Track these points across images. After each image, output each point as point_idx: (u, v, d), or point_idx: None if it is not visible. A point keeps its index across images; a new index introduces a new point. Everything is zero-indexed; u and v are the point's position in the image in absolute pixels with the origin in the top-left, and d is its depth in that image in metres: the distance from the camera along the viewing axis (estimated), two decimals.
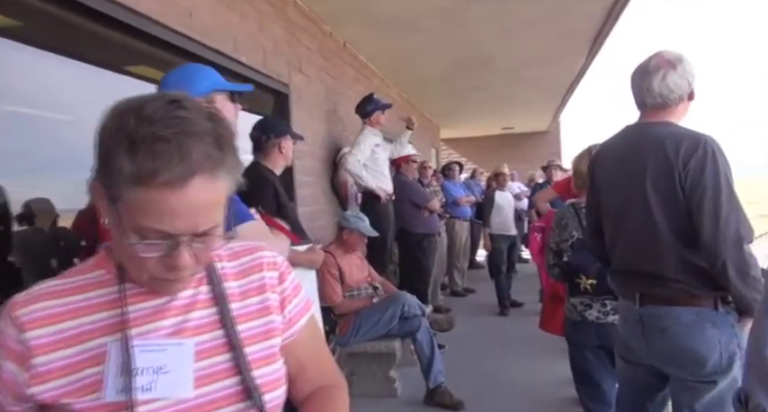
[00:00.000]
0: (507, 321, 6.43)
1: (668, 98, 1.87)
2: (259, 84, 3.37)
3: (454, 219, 7.60)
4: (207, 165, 0.73)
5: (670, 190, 1.76)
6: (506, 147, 13.13)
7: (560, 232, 2.64)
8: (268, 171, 2.80)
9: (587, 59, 6.31)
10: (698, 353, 1.76)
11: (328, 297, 3.76)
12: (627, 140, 1.96)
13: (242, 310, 0.88)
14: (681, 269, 1.78)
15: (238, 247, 0.95)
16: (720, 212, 1.67)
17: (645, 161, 1.82)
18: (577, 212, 2.59)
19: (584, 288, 2.43)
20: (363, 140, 4.48)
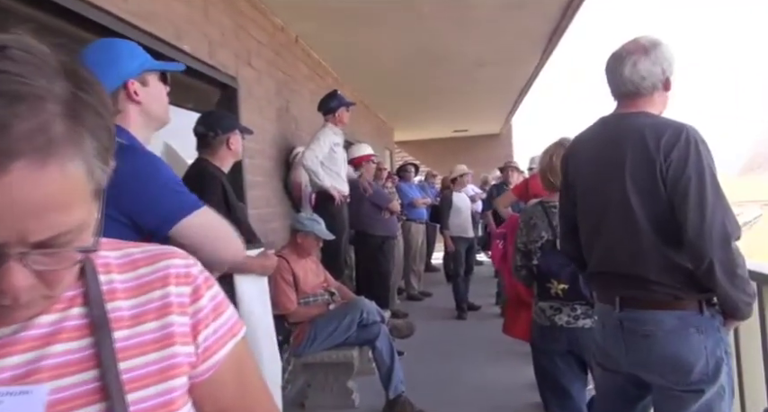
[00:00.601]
0: (466, 325, 6.33)
1: (640, 86, 1.76)
2: (204, 75, 3.12)
3: (410, 221, 7.48)
4: (40, 145, 0.49)
5: (651, 183, 1.64)
6: (459, 150, 13.13)
7: (528, 232, 2.51)
8: (215, 168, 2.56)
9: (541, 60, 6.31)
10: (683, 360, 1.64)
11: (282, 304, 3.53)
12: (603, 132, 1.83)
13: (130, 340, 0.63)
14: (664, 270, 1.66)
15: (139, 253, 0.69)
16: (706, 205, 1.55)
17: (623, 154, 1.70)
18: (547, 212, 2.47)
19: (555, 293, 2.31)
20: (323, 137, 4.28)
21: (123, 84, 1.54)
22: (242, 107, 3.54)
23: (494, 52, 5.86)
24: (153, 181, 1.46)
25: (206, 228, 1.50)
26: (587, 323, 2.31)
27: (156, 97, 1.60)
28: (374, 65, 6.14)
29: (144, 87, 1.57)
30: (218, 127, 2.58)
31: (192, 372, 0.67)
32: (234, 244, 1.58)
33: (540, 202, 2.55)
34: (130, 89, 1.54)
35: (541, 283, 2.38)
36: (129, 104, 1.55)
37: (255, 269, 2.52)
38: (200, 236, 1.48)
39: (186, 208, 1.48)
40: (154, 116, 1.61)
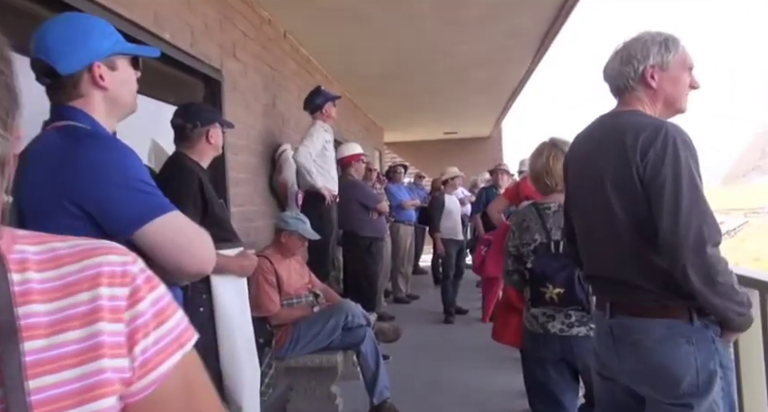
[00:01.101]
0: (453, 329, 6.24)
1: (620, 83, 1.69)
2: (186, 66, 2.99)
3: (399, 223, 7.37)
4: None
5: (629, 186, 1.55)
6: (449, 152, 13.05)
7: (521, 235, 2.40)
8: (193, 162, 2.43)
9: (533, 62, 6.23)
10: (670, 371, 1.54)
11: (264, 306, 3.40)
12: (594, 132, 1.75)
13: (46, 353, 0.52)
14: (647, 275, 1.57)
15: (65, 248, 0.58)
16: (680, 208, 1.45)
17: (607, 155, 1.62)
18: (540, 214, 2.37)
19: (549, 298, 2.20)
20: (316, 134, 4.15)
21: (89, 65, 1.38)
22: (226, 101, 3.41)
23: (485, 52, 5.78)
24: (119, 175, 1.32)
25: (174, 234, 1.36)
26: (582, 331, 2.22)
27: (123, 83, 1.45)
28: (364, 63, 6.03)
29: (111, 72, 1.41)
30: (197, 119, 2.45)
31: (126, 391, 0.56)
32: (203, 253, 1.43)
33: (533, 204, 2.45)
34: (96, 72, 1.38)
35: (535, 288, 2.28)
36: (92, 89, 1.39)
37: (234, 269, 2.40)
38: (166, 242, 1.34)
39: (154, 210, 1.34)
40: (120, 104, 1.46)
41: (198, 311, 2.32)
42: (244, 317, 2.45)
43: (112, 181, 1.29)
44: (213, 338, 2.35)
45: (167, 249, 1.34)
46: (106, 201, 1.29)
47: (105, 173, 1.29)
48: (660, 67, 1.65)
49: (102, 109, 1.42)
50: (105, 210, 1.29)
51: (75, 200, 1.26)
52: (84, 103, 1.39)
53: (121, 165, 1.33)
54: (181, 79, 3.12)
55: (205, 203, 2.33)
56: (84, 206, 1.28)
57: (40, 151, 1.31)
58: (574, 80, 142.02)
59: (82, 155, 1.29)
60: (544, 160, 2.38)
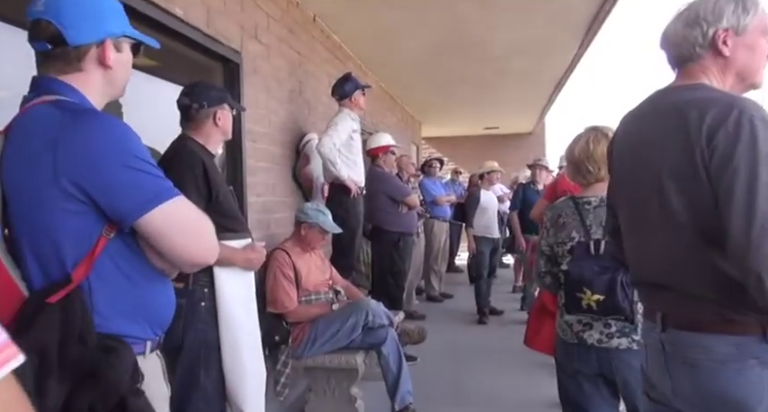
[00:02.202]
0: (486, 331, 5.95)
1: (684, 50, 1.40)
2: (201, 46, 2.82)
3: (433, 219, 7.12)
4: None
5: (691, 175, 1.26)
6: (489, 148, 12.69)
7: (556, 232, 2.13)
8: (198, 146, 2.26)
9: (580, 49, 5.86)
10: (737, 400, 1.25)
11: (280, 302, 3.22)
12: (646, 112, 1.46)
13: None
14: (709, 282, 1.28)
15: None
16: (756, 205, 1.16)
17: (664, 138, 1.33)
18: (579, 209, 2.09)
19: (586, 305, 1.93)
20: (342, 123, 3.94)
21: (101, 41, 1.29)
22: (246, 85, 3.23)
23: (527, 39, 5.45)
24: (126, 155, 1.20)
25: (178, 221, 1.26)
26: (622, 342, 1.94)
27: (125, 67, 1.37)
28: (398, 51, 5.78)
29: (117, 53, 1.33)
30: (204, 99, 2.28)
31: None
32: (206, 243, 1.33)
33: (570, 198, 2.17)
34: (106, 51, 1.30)
35: (570, 293, 2.01)
36: (95, 66, 1.30)
37: (239, 262, 2.22)
38: (170, 229, 1.24)
39: (160, 194, 1.23)
40: (116, 86, 1.37)
41: (199, 306, 2.16)
42: (249, 314, 2.27)
43: (119, 159, 1.19)
44: (215, 336, 2.18)
45: (170, 237, 1.25)
46: (113, 182, 1.18)
47: (111, 151, 1.19)
48: (735, 30, 1.36)
49: (98, 87, 1.32)
50: (111, 192, 1.19)
51: (75, 179, 1.15)
52: (83, 79, 1.29)
53: (127, 143, 1.22)
54: (197, 60, 2.96)
55: (209, 190, 2.16)
56: (87, 187, 1.17)
57: (31, 126, 1.20)
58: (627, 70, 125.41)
59: (84, 129, 1.18)
60: (583, 144, 2.10)
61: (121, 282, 1.26)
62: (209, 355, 2.15)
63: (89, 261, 1.20)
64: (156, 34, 2.55)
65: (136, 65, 1.43)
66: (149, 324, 1.33)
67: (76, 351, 1.14)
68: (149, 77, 2.69)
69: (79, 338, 1.16)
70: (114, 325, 1.24)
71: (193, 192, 2.09)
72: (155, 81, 2.74)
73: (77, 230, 1.20)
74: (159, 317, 1.37)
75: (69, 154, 1.16)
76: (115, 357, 1.16)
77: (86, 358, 1.14)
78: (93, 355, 1.15)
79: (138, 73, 2.71)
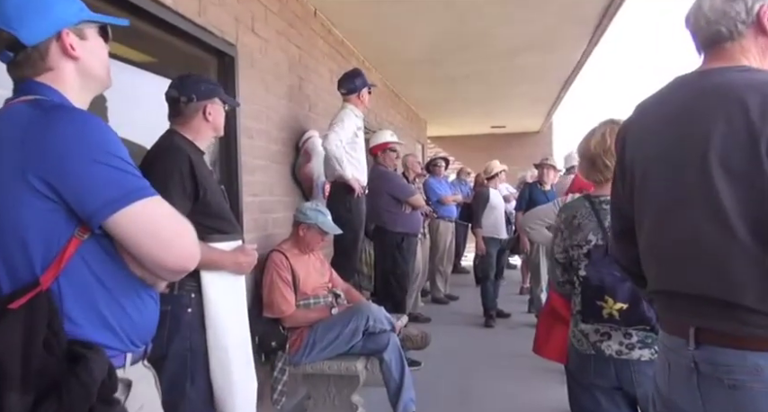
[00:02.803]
0: (493, 334, 5.80)
1: (722, 25, 1.24)
2: (192, 38, 2.69)
3: (439, 219, 6.97)
4: None
5: (750, 166, 1.10)
6: (495, 147, 12.52)
7: (571, 235, 1.98)
8: (186, 142, 2.12)
9: (589, 45, 5.69)
10: None
11: (277, 306, 3.08)
12: (677, 96, 1.30)
13: None
14: (760, 293, 1.13)
15: None
16: None
17: (707, 124, 1.17)
18: (595, 208, 1.94)
19: (608, 314, 1.77)
20: (347, 119, 3.80)
21: (57, 34, 1.21)
22: (242, 79, 3.10)
23: (535, 34, 5.28)
24: (95, 149, 1.12)
25: (153, 222, 1.17)
26: (644, 354, 1.79)
27: (96, 54, 1.28)
28: (402, 47, 5.63)
29: (82, 41, 1.24)
30: (193, 91, 2.14)
31: None
32: (184, 249, 1.22)
33: (585, 196, 2.02)
34: (65, 41, 1.21)
35: (589, 301, 1.84)
36: (63, 61, 1.22)
37: (228, 266, 2.08)
38: (143, 232, 1.15)
39: (132, 192, 1.14)
40: (93, 76, 1.28)
41: (184, 313, 2.02)
42: (239, 321, 2.13)
43: (88, 155, 1.10)
44: (202, 344, 2.04)
45: (144, 240, 1.15)
46: (80, 177, 1.10)
47: (79, 145, 1.11)
48: None
49: (74, 82, 1.24)
50: (78, 188, 1.10)
51: (42, 175, 1.08)
52: (55, 77, 1.22)
53: (98, 138, 1.13)
54: (189, 53, 2.83)
55: (196, 188, 2.02)
56: (54, 183, 1.08)
57: (2, 126, 1.14)
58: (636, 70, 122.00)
59: (53, 125, 1.10)
60: (599, 137, 1.94)
61: (95, 288, 1.17)
62: (195, 365, 2.01)
63: (59, 263, 1.12)
64: (145, 24, 2.42)
65: (124, 58, 1.32)
66: (128, 335, 1.23)
67: (41, 360, 1.06)
68: (138, 71, 2.56)
69: (45, 346, 1.07)
70: (88, 332, 1.15)
71: (178, 190, 1.96)
72: (144, 75, 2.60)
73: (47, 230, 1.12)
74: (139, 329, 1.26)
75: (37, 150, 1.09)
76: (83, 366, 1.07)
77: (52, 368, 1.06)
78: (59, 365, 1.07)
79: (126, 66, 2.61)
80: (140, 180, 1.17)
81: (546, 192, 5.92)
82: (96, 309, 1.17)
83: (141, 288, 1.24)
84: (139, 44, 2.50)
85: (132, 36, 2.38)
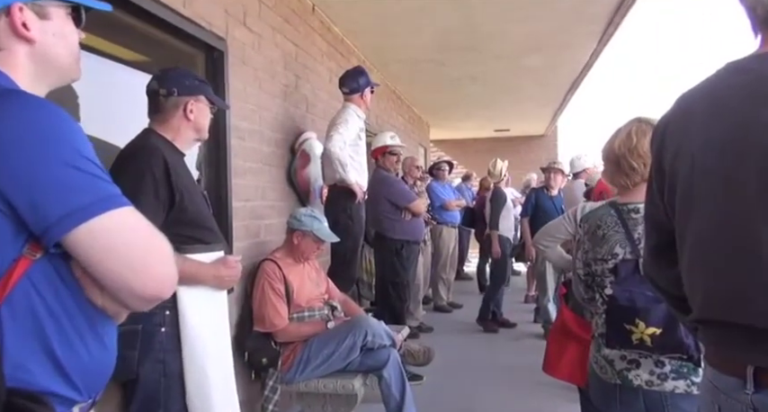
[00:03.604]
0: (498, 345, 5.56)
1: None
2: (177, 30, 2.49)
3: (441, 224, 6.74)
4: None
5: None
6: (500, 151, 12.20)
7: (594, 247, 1.76)
8: (163, 142, 1.91)
9: (599, 45, 5.48)
10: None
11: (269, 320, 2.87)
12: (731, 86, 1.07)
13: None
14: None
15: None
16: None
17: None
18: (623, 217, 1.72)
19: (638, 339, 1.55)
20: (352, 120, 3.59)
21: (6, 7, 0.96)
22: (232, 76, 2.89)
23: (541, 34, 5.08)
24: (56, 147, 0.90)
25: (120, 240, 0.93)
26: (679, 385, 1.57)
27: (60, 38, 1.04)
28: (404, 46, 5.43)
29: (41, 20, 1.00)
30: (175, 85, 1.93)
31: None
32: (160, 271, 0.98)
33: (611, 204, 1.80)
34: (16, 17, 0.97)
35: (616, 324, 1.62)
36: (14, 41, 0.99)
37: (207, 280, 1.87)
38: (109, 250, 0.92)
39: (99, 202, 0.90)
40: (54, 65, 1.04)
41: (158, 332, 1.80)
42: (219, 341, 1.92)
43: (44, 152, 0.87)
44: (178, 366, 1.82)
45: (112, 260, 0.92)
46: (34, 181, 0.86)
47: (33, 140, 0.88)
48: None
49: (26, 68, 1.00)
50: (31, 194, 0.87)
51: None
52: (3, 59, 0.98)
53: (58, 131, 0.90)
54: (175, 47, 2.63)
55: (172, 193, 1.81)
56: (2, 188, 0.85)
57: None
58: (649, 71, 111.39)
59: (2, 116, 0.88)
60: (624, 136, 1.72)
61: (46, 321, 0.92)
62: (169, 389, 1.80)
63: (2, 289, 0.89)
64: (123, 14, 2.22)
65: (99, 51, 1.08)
66: (80, 381, 0.97)
67: None
68: (117, 66, 2.36)
69: None
70: (34, 377, 0.91)
71: (150, 195, 1.75)
72: (124, 70, 2.40)
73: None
74: (92, 375, 1.01)
75: None
76: None
77: None
78: None
79: (103, 60, 2.40)
80: (110, 186, 0.94)
81: (553, 197, 5.71)
82: (46, 347, 0.93)
83: (100, 321, 1.00)
84: (118, 36, 2.30)
85: (110, 27, 2.18)
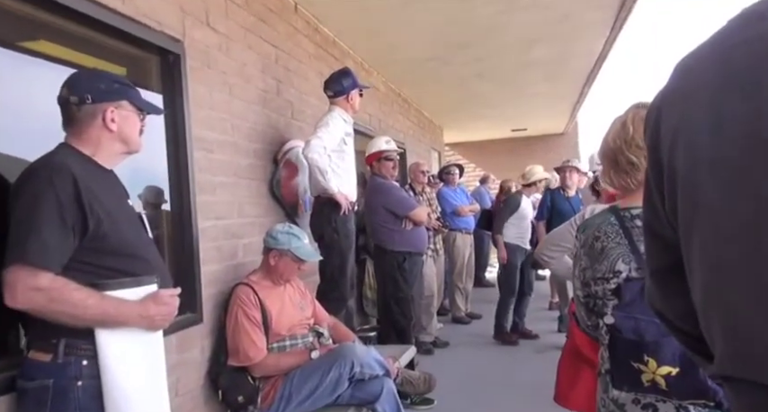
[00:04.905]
0: (519, 359, 5.15)
1: None
2: (117, 31, 2.20)
3: (455, 231, 6.38)
4: None
5: None
6: (517, 152, 11.90)
7: (593, 263, 1.40)
8: (78, 158, 1.61)
9: (613, 30, 5.07)
10: None
11: (244, 352, 2.55)
12: (745, 42, 0.70)
13: None
14: None
15: None
16: None
17: None
18: (625, 226, 1.36)
19: (649, 380, 1.20)
20: (333, 123, 3.29)
21: None
22: (193, 82, 2.61)
23: (550, 21, 4.70)
24: None
25: None
26: None
27: None
28: (404, 44, 5.10)
29: None
30: (88, 90, 1.63)
31: None
32: None
33: (612, 210, 1.44)
34: None
35: (621, 361, 1.29)
36: None
37: (133, 321, 1.56)
38: None
39: None
40: None
41: (73, 387, 1.50)
42: (155, 395, 1.60)
43: None
44: None
45: None
46: None
47: None
48: None
49: None
50: None
51: None
52: None
53: None
54: (122, 52, 2.35)
55: (84, 218, 1.51)
56: None
57: None
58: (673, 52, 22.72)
59: None
60: (618, 126, 1.37)
61: None
62: None
63: None
64: (49, 14, 1.95)
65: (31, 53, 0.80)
66: None
67: None
68: (50, 71, 2.08)
69: None
70: None
71: (53, 221, 1.45)
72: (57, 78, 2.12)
73: None
74: None
75: None
76: None
77: None
78: None
79: (41, 67, 2.14)
80: None
81: (569, 198, 5.32)
82: None
83: None
84: (59, 40, 2.05)
85: (47, 31, 1.93)
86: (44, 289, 1.43)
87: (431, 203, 5.47)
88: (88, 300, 1.48)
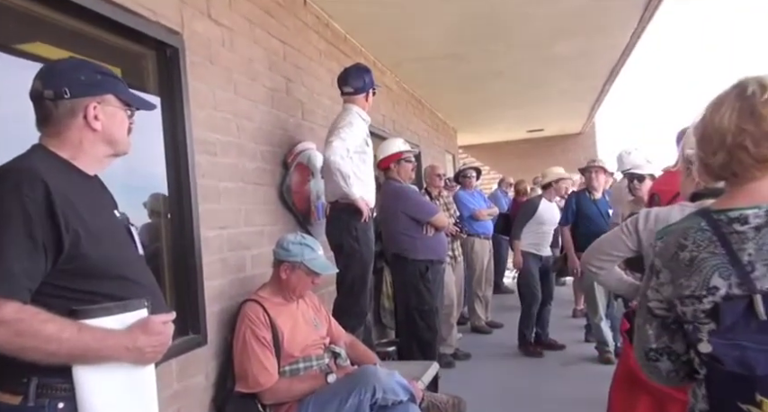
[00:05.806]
0: (545, 371, 4.85)
1: None
2: (110, 22, 1.97)
3: (473, 236, 6.10)
4: None
5: None
6: (534, 153, 11.62)
7: (677, 278, 1.12)
8: (53, 161, 1.37)
9: (640, 24, 4.79)
10: None
11: (253, 378, 2.30)
12: None
13: None
14: None
15: None
16: None
17: None
18: (721, 232, 1.08)
19: None
20: (356, 122, 3.04)
21: None
22: (193, 78, 2.37)
23: (574, 15, 4.43)
24: None
25: None
26: None
27: None
28: (420, 41, 4.84)
29: None
30: (66, 83, 1.39)
31: None
32: None
33: (702, 213, 1.16)
34: None
35: (725, 400, 1.02)
36: None
37: (119, 355, 1.31)
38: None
39: None
40: None
41: None
42: None
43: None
44: None
45: None
46: None
47: None
48: None
49: None
50: None
51: None
52: None
53: None
54: (116, 45, 2.12)
55: (58, 234, 1.26)
56: None
57: None
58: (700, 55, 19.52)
59: None
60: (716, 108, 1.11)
61: None
62: None
63: None
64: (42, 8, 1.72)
65: None
66: None
67: None
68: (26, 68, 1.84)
69: None
70: None
71: (19, 240, 1.21)
72: None
73: None
74: None
75: None
76: None
77: None
78: None
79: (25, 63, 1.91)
80: None
81: (596, 200, 5.02)
82: None
83: None
84: (45, 35, 1.82)
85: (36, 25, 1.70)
86: (8, 321, 1.18)
87: (448, 208, 5.21)
88: (63, 332, 1.23)
